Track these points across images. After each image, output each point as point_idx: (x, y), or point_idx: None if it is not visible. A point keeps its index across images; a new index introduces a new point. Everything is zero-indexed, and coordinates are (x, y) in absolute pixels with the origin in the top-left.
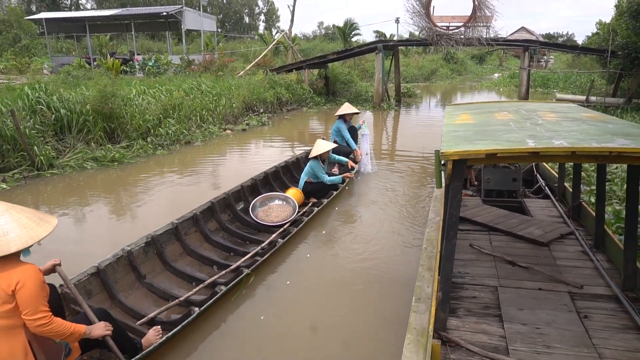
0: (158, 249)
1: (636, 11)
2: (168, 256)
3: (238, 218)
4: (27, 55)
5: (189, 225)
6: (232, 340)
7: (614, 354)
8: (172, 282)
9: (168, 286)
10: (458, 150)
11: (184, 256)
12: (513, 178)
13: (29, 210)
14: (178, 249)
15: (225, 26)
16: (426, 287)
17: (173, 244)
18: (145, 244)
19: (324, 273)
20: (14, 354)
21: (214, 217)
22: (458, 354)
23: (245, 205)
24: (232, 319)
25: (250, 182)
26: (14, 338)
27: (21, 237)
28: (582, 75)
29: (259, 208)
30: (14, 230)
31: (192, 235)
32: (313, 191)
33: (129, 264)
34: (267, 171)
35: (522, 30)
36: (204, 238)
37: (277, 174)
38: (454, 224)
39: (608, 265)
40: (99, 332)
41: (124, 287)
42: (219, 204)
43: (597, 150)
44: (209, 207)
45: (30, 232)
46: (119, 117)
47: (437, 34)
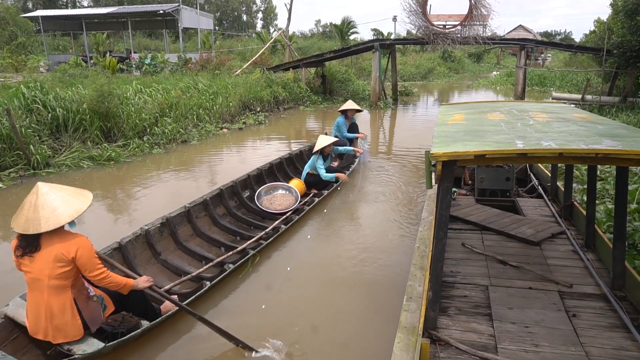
0: (172, 230)
1: (631, 10)
2: (180, 236)
3: (244, 205)
4: (24, 53)
5: (199, 209)
6: (238, 311)
7: (601, 352)
8: (184, 260)
9: (180, 263)
10: (447, 152)
11: (194, 237)
12: (506, 177)
13: (68, 188)
14: (189, 231)
15: (223, 24)
16: (417, 286)
17: (185, 225)
18: (160, 225)
19: (322, 259)
20: (63, 309)
21: (222, 203)
22: (447, 352)
23: (251, 193)
24: (238, 294)
25: (256, 172)
26: (63, 296)
27: (68, 211)
28: (578, 74)
29: (264, 196)
30: (61, 206)
31: (202, 219)
32: (314, 183)
33: (147, 241)
34: (272, 162)
35: (520, 28)
36: (212, 222)
37: (281, 165)
38: (444, 223)
39: (598, 265)
40: (144, 284)
41: (142, 262)
42: (227, 191)
43: (584, 152)
44: (217, 193)
45: (74, 207)
46: (115, 116)
47: (434, 33)
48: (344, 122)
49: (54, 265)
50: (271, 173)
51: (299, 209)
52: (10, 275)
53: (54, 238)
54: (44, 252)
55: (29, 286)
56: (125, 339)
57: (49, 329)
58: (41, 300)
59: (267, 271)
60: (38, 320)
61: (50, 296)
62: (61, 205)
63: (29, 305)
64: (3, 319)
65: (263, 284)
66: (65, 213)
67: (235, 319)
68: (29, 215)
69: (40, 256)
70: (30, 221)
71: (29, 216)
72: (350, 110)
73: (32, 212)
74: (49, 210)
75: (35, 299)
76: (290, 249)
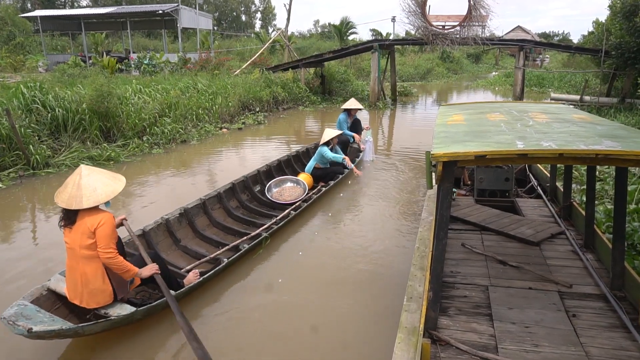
0: (190, 219)
1: (629, 11)
2: (198, 225)
3: (255, 198)
4: (22, 53)
5: (214, 201)
6: (250, 287)
7: (601, 352)
8: (202, 247)
9: (199, 249)
10: (448, 152)
11: (210, 227)
12: (506, 178)
13: (105, 172)
14: (205, 221)
15: (222, 24)
16: (418, 287)
17: (201, 216)
18: (179, 215)
19: (321, 260)
20: (95, 275)
21: (234, 196)
22: (448, 352)
23: (261, 187)
24: (251, 273)
25: (265, 168)
26: (94, 264)
27: (106, 192)
28: (576, 75)
29: (274, 189)
30: (100, 187)
31: (217, 211)
32: (321, 175)
33: (167, 229)
34: (280, 159)
35: (518, 29)
36: (226, 213)
37: (289, 161)
38: (445, 224)
39: (597, 265)
40: (147, 273)
41: (164, 247)
42: (238, 185)
43: (584, 152)
44: (230, 187)
45: (110, 188)
46: (114, 116)
47: (433, 33)
48: (346, 119)
49: (83, 236)
50: (279, 169)
51: (307, 199)
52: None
53: (85, 214)
54: (77, 225)
55: (68, 256)
56: (154, 305)
57: (84, 294)
58: (77, 268)
59: (276, 254)
60: (75, 286)
61: (84, 264)
62: (100, 187)
63: (68, 274)
64: (47, 291)
65: (272, 265)
66: (103, 193)
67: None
68: (72, 192)
69: (75, 228)
70: (73, 198)
71: (72, 194)
72: (353, 109)
73: (76, 191)
74: (90, 189)
75: (72, 267)
76: (299, 236)
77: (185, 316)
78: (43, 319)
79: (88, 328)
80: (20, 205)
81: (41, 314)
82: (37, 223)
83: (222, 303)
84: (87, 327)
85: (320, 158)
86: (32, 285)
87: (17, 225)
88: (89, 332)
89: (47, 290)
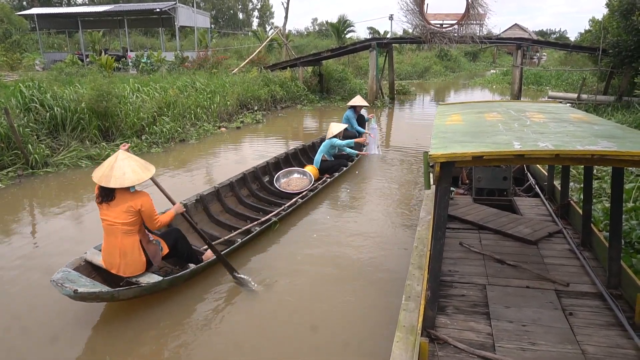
0: (205, 206)
1: (626, 10)
2: (212, 211)
3: (265, 188)
4: (18, 51)
5: (226, 190)
6: (261, 265)
7: (597, 350)
8: (216, 230)
9: (213, 232)
10: (445, 153)
11: (223, 213)
12: (504, 177)
13: (139, 160)
14: (219, 207)
15: (219, 22)
16: (416, 286)
17: (215, 203)
18: (195, 201)
19: (321, 259)
20: (132, 248)
21: (245, 185)
22: (446, 351)
23: (270, 178)
24: (262, 253)
25: (273, 160)
26: (132, 238)
27: (132, 178)
28: (573, 73)
29: (282, 179)
30: (129, 172)
31: (230, 198)
32: (327, 168)
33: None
34: (288, 152)
35: (515, 27)
36: (238, 201)
37: (295, 154)
38: (442, 224)
39: (594, 263)
40: (179, 209)
41: (182, 229)
42: (249, 176)
43: (580, 153)
44: (241, 177)
45: (138, 175)
46: (113, 115)
47: (430, 32)
48: (353, 115)
49: (125, 214)
50: (287, 161)
51: (314, 188)
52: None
53: (126, 194)
54: (118, 204)
55: (106, 231)
56: (177, 276)
57: (121, 264)
58: (115, 241)
59: (284, 238)
60: (113, 258)
61: (123, 238)
62: (129, 172)
63: (106, 247)
64: (84, 262)
65: (281, 247)
66: (129, 179)
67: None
68: (105, 172)
69: (115, 206)
70: (104, 177)
71: (105, 173)
72: (358, 105)
73: (108, 171)
74: (119, 172)
75: (110, 241)
76: (306, 221)
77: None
78: (85, 283)
79: (122, 293)
80: (19, 204)
81: (83, 279)
82: (36, 223)
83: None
84: (122, 292)
85: (327, 150)
86: (32, 285)
87: (16, 225)
88: (123, 297)
89: (85, 261)
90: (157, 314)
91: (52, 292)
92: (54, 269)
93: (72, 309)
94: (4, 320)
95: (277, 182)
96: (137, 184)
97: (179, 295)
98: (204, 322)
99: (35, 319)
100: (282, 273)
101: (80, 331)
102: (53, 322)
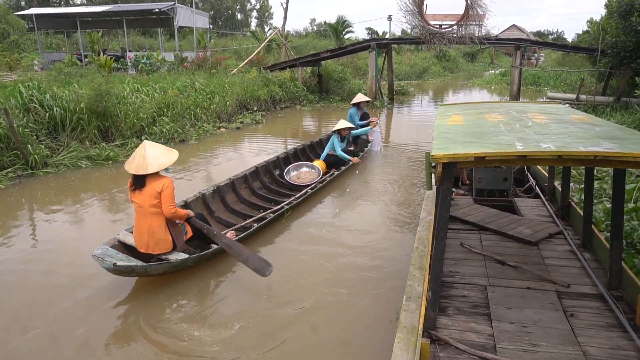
0: (221, 196)
1: (625, 11)
2: (228, 201)
3: (275, 180)
4: (17, 51)
5: (241, 182)
6: (274, 249)
7: (598, 352)
8: (232, 218)
9: (230, 220)
10: (448, 154)
11: (238, 203)
12: (504, 177)
13: (162, 146)
14: (234, 198)
15: (217, 22)
16: (417, 286)
17: (230, 194)
18: (212, 191)
19: (321, 260)
20: (159, 228)
21: (257, 178)
22: (447, 352)
23: (280, 172)
24: (275, 238)
25: (283, 155)
26: (159, 219)
27: (165, 161)
28: (572, 74)
29: (292, 172)
30: (160, 157)
31: (243, 190)
32: (334, 162)
33: (203, 202)
34: (297, 147)
35: (513, 27)
36: (251, 192)
37: (304, 150)
38: (444, 225)
39: (595, 265)
40: (191, 214)
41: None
42: (261, 169)
43: (582, 154)
44: (254, 170)
45: (168, 158)
46: (112, 116)
47: (430, 32)
48: (356, 112)
49: (151, 197)
50: (296, 156)
51: (322, 181)
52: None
53: (153, 179)
54: (146, 188)
55: (137, 213)
56: (202, 254)
57: (150, 243)
58: (145, 222)
59: (294, 225)
60: (143, 237)
61: (151, 219)
62: (160, 157)
63: (136, 227)
64: (118, 242)
65: (292, 233)
66: (163, 162)
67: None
68: (140, 162)
69: (145, 191)
70: (140, 166)
71: (140, 163)
72: (362, 102)
73: (142, 160)
74: (153, 158)
75: (140, 222)
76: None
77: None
78: (122, 259)
79: (154, 268)
80: (18, 205)
81: (120, 255)
82: (35, 224)
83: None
84: (153, 267)
85: (333, 146)
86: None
87: (15, 226)
88: (154, 272)
89: (118, 241)
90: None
91: (52, 292)
92: (54, 269)
93: (73, 308)
94: (3, 320)
95: (287, 175)
96: (170, 165)
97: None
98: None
99: (35, 319)
100: (283, 272)
101: (80, 331)
102: (53, 322)
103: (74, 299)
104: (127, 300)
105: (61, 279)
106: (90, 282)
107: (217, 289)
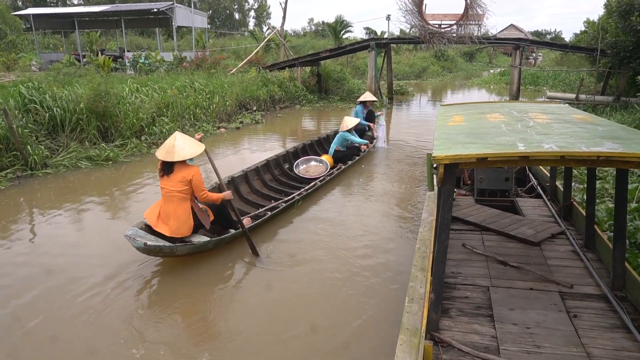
0: (235, 186)
1: (625, 10)
2: (242, 191)
3: (285, 174)
4: (14, 51)
5: (253, 174)
6: (285, 236)
7: (602, 353)
8: (246, 208)
9: (244, 209)
10: (449, 155)
11: (251, 194)
12: (506, 177)
13: (192, 139)
14: (247, 189)
15: (215, 22)
16: (419, 288)
17: (244, 185)
18: (227, 182)
19: (321, 260)
20: (186, 213)
21: (269, 171)
22: (450, 354)
23: (289, 166)
24: (286, 226)
25: (292, 150)
26: (185, 204)
27: (191, 151)
28: (571, 73)
29: (301, 166)
30: (187, 148)
31: (256, 181)
32: (341, 157)
33: (219, 192)
34: (305, 143)
35: (511, 27)
36: (263, 184)
37: (312, 145)
38: (446, 226)
39: (598, 265)
40: (228, 196)
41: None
42: (272, 162)
43: (585, 154)
44: (265, 163)
45: (193, 149)
46: (112, 116)
47: (429, 32)
48: (362, 110)
49: (179, 184)
50: (304, 151)
51: (329, 174)
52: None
53: (181, 167)
54: (174, 175)
55: (164, 198)
56: (221, 238)
57: (173, 226)
58: (171, 207)
59: (304, 214)
60: (169, 220)
61: (178, 204)
62: (187, 147)
63: (164, 211)
64: (145, 225)
65: (302, 221)
66: (189, 152)
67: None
68: (168, 149)
69: (173, 177)
70: (169, 153)
71: (168, 150)
72: (368, 100)
73: (171, 148)
74: (180, 148)
75: (168, 207)
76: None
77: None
78: (151, 239)
79: (179, 249)
80: (18, 206)
81: (149, 236)
82: (35, 225)
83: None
84: (179, 248)
85: (341, 142)
86: (31, 286)
87: (14, 226)
88: (179, 252)
89: (145, 224)
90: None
91: (51, 292)
92: (53, 270)
93: (72, 309)
94: (3, 320)
95: (297, 169)
96: (195, 155)
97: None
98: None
99: (34, 319)
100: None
101: (82, 330)
102: (53, 322)
103: (73, 299)
104: (127, 300)
105: (61, 279)
106: (90, 282)
107: (218, 287)
